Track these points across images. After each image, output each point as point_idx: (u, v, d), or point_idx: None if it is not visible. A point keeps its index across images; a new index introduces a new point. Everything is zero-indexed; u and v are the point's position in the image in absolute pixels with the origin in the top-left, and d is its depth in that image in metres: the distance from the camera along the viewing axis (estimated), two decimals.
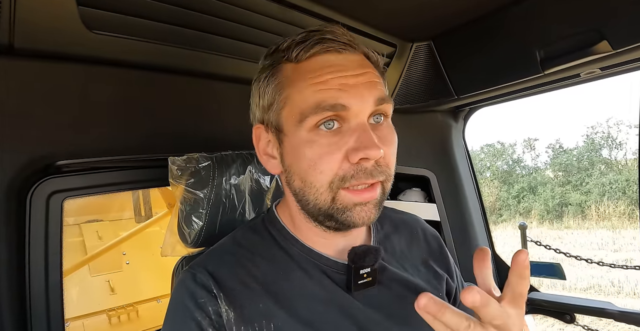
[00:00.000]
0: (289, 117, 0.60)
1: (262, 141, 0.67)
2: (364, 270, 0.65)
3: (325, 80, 0.58)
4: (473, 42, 1.20)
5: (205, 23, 0.88)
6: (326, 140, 0.58)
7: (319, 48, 0.60)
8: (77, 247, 2.62)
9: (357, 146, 0.57)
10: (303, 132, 0.59)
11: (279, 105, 0.62)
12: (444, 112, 1.55)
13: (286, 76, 0.61)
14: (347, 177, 0.58)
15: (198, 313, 0.60)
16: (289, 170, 0.63)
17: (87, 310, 2.42)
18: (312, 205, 0.62)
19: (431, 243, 0.83)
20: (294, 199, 0.66)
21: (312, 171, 0.59)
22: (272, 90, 0.62)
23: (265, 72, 0.64)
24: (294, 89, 0.60)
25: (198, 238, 0.83)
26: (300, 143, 0.59)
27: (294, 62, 0.61)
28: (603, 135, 12.75)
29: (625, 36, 0.95)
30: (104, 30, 0.78)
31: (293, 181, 0.63)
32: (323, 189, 0.59)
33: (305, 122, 0.58)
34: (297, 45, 0.61)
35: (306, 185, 0.61)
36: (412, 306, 0.70)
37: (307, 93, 0.58)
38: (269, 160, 0.67)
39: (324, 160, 0.58)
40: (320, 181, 0.59)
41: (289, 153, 0.62)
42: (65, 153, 0.83)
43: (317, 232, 0.68)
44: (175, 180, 0.82)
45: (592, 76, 1.18)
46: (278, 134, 0.63)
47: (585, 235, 9.64)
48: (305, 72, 0.60)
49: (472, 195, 1.62)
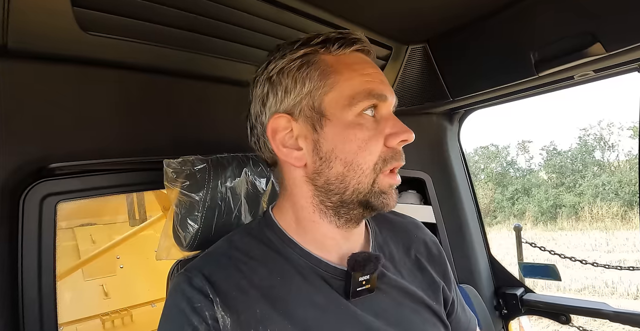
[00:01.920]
0: (335, 102, 0.63)
1: (281, 133, 0.66)
2: (363, 277, 0.65)
3: (370, 73, 0.65)
4: (468, 45, 1.21)
5: (201, 25, 0.87)
6: (371, 124, 0.64)
7: (359, 45, 0.67)
8: (71, 251, 2.59)
9: (397, 131, 0.64)
10: (351, 115, 0.63)
11: (324, 90, 0.64)
12: (439, 114, 1.56)
13: (328, 65, 0.65)
14: (387, 159, 0.64)
15: (195, 318, 0.59)
16: (328, 156, 0.64)
17: (81, 314, 2.39)
18: (352, 190, 0.64)
19: (431, 249, 0.82)
20: (315, 193, 0.66)
21: (361, 152, 0.63)
22: (315, 76, 0.64)
23: (296, 61, 0.65)
24: (341, 77, 0.64)
25: (193, 242, 0.82)
26: (349, 126, 0.63)
27: (334, 55, 0.66)
28: (595, 137, 12.87)
29: (618, 38, 0.97)
30: (99, 32, 0.78)
31: (331, 168, 0.64)
32: (369, 171, 0.63)
33: (356, 107, 0.63)
34: (337, 40, 0.65)
35: (351, 168, 0.63)
36: (409, 312, 0.71)
37: (356, 82, 0.64)
38: (291, 152, 0.66)
39: (373, 141, 0.63)
40: (368, 162, 0.63)
41: (332, 138, 0.63)
42: (59, 156, 0.82)
43: (325, 232, 0.67)
44: (170, 183, 0.81)
45: (586, 78, 1.19)
46: (317, 119, 0.64)
47: (579, 237, 9.71)
48: (350, 64, 0.65)
49: (468, 197, 1.63)
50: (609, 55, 1.00)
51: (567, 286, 6.64)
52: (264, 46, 1.00)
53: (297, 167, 0.66)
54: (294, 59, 0.65)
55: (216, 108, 1.06)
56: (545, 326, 4.72)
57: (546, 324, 4.70)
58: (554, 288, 6.40)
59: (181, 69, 0.97)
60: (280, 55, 0.67)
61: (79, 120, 0.84)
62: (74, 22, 0.73)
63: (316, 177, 0.65)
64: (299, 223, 0.69)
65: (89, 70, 0.84)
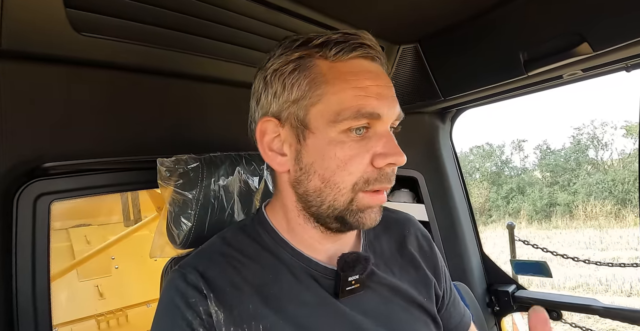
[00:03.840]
0: (320, 115, 0.60)
1: (269, 136, 0.64)
2: (353, 277, 0.65)
3: (365, 87, 0.60)
4: (458, 45, 1.22)
5: (193, 25, 0.88)
6: (356, 143, 0.60)
7: (360, 52, 0.61)
8: (65, 251, 2.58)
9: (386, 152, 0.60)
10: (334, 132, 0.59)
11: (310, 101, 0.60)
12: (431, 114, 1.57)
13: (321, 73, 0.60)
14: (370, 180, 0.61)
15: (189, 313, 0.59)
16: (307, 168, 0.62)
17: (76, 315, 2.39)
18: (328, 206, 0.62)
19: (422, 243, 0.82)
20: (298, 199, 0.65)
21: (340, 171, 0.60)
22: (304, 84, 0.60)
23: (289, 64, 0.62)
24: (331, 88, 0.59)
25: (187, 239, 0.83)
26: (330, 142, 0.60)
27: (330, 61, 0.61)
28: (589, 136, 12.96)
29: (605, 38, 0.98)
30: (92, 32, 0.78)
31: (309, 180, 0.62)
32: (346, 190, 0.61)
33: (340, 124, 0.59)
34: (336, 44, 0.60)
35: (328, 185, 0.61)
36: (399, 310, 0.71)
37: (346, 96, 0.59)
38: (275, 156, 0.64)
39: (354, 162, 0.59)
40: (346, 182, 0.60)
41: (312, 151, 0.61)
42: (53, 155, 0.82)
43: (313, 234, 0.67)
44: (164, 181, 0.82)
45: (574, 77, 1.21)
46: (300, 130, 0.61)
47: (573, 235, 9.78)
48: (344, 73, 0.60)
49: (460, 195, 1.64)
50: (597, 54, 1.02)
51: (561, 284, 6.69)
52: (256, 46, 1.01)
53: (280, 172, 0.66)
54: (288, 62, 0.62)
55: (208, 108, 1.07)
56: None
57: None
58: (548, 286, 6.44)
59: (174, 69, 0.97)
60: (279, 52, 0.64)
61: (72, 120, 0.84)
62: (66, 23, 0.74)
63: (296, 185, 0.64)
64: (288, 224, 0.69)
65: (82, 70, 0.84)
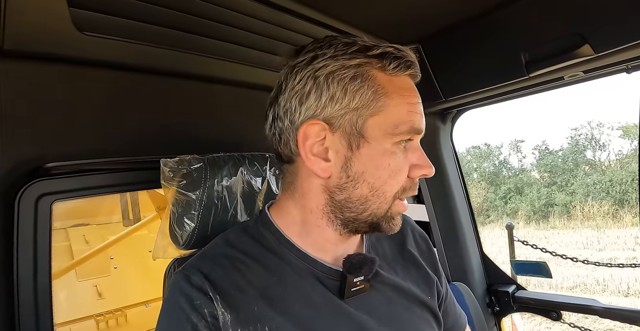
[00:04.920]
0: (379, 126, 0.62)
1: (311, 139, 0.63)
2: (358, 278, 0.66)
3: (414, 103, 0.64)
4: (460, 45, 1.22)
5: (197, 25, 0.88)
6: (403, 155, 0.64)
7: (412, 71, 0.65)
8: (64, 251, 2.58)
9: (422, 164, 0.65)
10: (389, 143, 0.62)
11: (371, 111, 0.61)
12: (432, 114, 1.57)
13: (381, 85, 0.62)
14: (406, 189, 0.66)
15: (194, 315, 0.59)
16: (357, 177, 0.63)
17: (75, 315, 2.38)
18: (370, 213, 0.65)
19: (420, 244, 0.84)
20: (331, 204, 0.66)
21: (390, 180, 0.63)
22: (369, 94, 0.61)
23: (350, 69, 0.61)
24: (391, 101, 0.62)
25: (190, 240, 0.83)
26: (385, 153, 0.62)
27: (387, 74, 0.63)
28: (586, 136, 13.00)
29: (606, 40, 0.99)
30: (95, 32, 0.78)
31: (356, 188, 0.63)
32: (390, 198, 0.64)
33: (396, 136, 0.62)
34: (395, 59, 0.63)
35: (375, 194, 0.63)
36: (403, 310, 0.72)
37: (402, 110, 0.62)
38: (318, 161, 0.63)
39: (401, 172, 0.64)
40: (392, 190, 0.64)
41: (364, 160, 0.62)
42: (55, 156, 0.82)
43: (329, 236, 0.68)
44: (167, 181, 0.82)
45: (575, 79, 1.21)
46: (354, 138, 0.62)
47: (570, 235, 9.81)
48: (400, 88, 0.63)
49: (460, 195, 1.64)
50: (598, 56, 1.02)
51: (559, 284, 6.71)
52: (261, 48, 1.01)
53: (321, 177, 0.65)
54: (347, 67, 0.61)
55: (212, 108, 1.07)
56: (537, 323, 4.77)
57: (539, 321, 4.76)
58: (546, 286, 6.46)
59: (176, 69, 0.97)
60: (332, 54, 0.62)
61: (75, 119, 0.84)
62: (70, 22, 0.74)
63: (337, 192, 0.64)
64: (303, 226, 0.68)
65: (85, 70, 0.84)
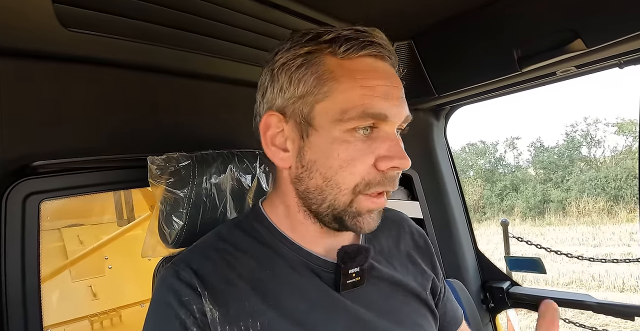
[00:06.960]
0: (326, 113, 0.59)
1: (272, 130, 0.63)
2: (353, 269, 0.65)
3: (373, 86, 0.58)
4: (452, 41, 1.22)
5: (183, 21, 0.87)
6: (361, 144, 0.59)
7: (370, 50, 0.60)
8: (58, 252, 2.56)
9: (391, 155, 0.59)
10: (338, 131, 0.58)
11: (316, 98, 0.59)
12: (426, 111, 1.57)
13: (329, 70, 0.59)
14: (372, 183, 0.60)
15: (182, 311, 0.58)
16: (310, 166, 0.61)
17: (69, 316, 2.36)
18: (328, 205, 0.61)
19: (417, 240, 0.84)
20: (299, 196, 0.65)
21: (342, 171, 0.59)
22: (311, 80, 0.59)
23: (297, 58, 0.60)
24: (339, 86, 0.58)
25: (179, 239, 0.82)
26: (334, 141, 0.59)
27: (339, 57, 0.60)
28: (582, 133, 13.04)
29: (598, 34, 0.98)
30: (80, 28, 0.77)
31: (311, 178, 0.61)
32: (347, 191, 0.60)
33: (346, 123, 0.58)
34: (347, 40, 0.59)
35: (329, 184, 0.60)
36: (400, 304, 0.72)
37: (353, 95, 0.58)
38: (278, 152, 0.63)
39: (357, 163, 0.58)
40: (348, 183, 0.59)
41: (315, 149, 0.60)
42: (42, 154, 0.81)
43: (312, 231, 0.67)
44: (155, 180, 0.81)
45: (568, 74, 1.21)
46: (304, 127, 0.61)
47: (566, 231, 9.85)
48: (353, 71, 0.59)
49: (454, 192, 1.64)
50: (590, 51, 1.02)
51: (555, 280, 6.74)
52: (249, 44, 1.00)
53: (282, 168, 0.65)
54: (296, 56, 0.61)
55: (200, 105, 1.06)
56: (533, 319, 4.79)
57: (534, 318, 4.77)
58: (542, 283, 6.49)
59: (164, 65, 0.96)
60: (288, 46, 0.62)
61: (62, 117, 0.83)
62: (54, 18, 0.72)
63: (297, 182, 0.64)
64: (290, 220, 0.68)
65: (71, 67, 0.83)
